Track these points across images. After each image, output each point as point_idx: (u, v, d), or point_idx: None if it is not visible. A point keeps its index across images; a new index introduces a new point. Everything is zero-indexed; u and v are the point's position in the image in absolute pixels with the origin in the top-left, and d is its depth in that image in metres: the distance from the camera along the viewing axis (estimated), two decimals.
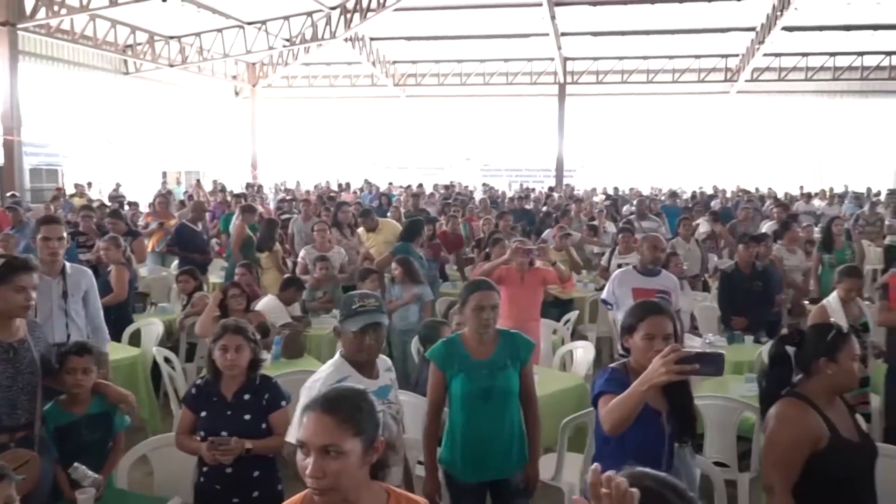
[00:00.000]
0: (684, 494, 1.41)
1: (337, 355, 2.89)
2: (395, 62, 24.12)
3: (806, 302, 7.36)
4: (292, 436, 2.51)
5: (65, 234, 4.26)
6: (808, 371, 2.78)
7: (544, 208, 13.42)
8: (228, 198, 11.45)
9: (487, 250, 6.80)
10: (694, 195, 17.87)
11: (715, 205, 14.81)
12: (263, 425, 3.05)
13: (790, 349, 3.05)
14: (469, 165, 26.15)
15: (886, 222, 11.30)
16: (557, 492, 3.94)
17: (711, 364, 2.21)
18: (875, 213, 12.18)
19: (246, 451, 2.94)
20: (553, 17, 18.04)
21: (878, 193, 18.25)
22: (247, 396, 3.09)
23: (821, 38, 19.58)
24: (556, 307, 7.11)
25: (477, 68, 23.64)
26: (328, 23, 18.38)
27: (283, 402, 3.13)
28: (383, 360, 3.00)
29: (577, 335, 7.29)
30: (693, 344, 5.59)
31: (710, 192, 18.87)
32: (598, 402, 2.55)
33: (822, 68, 21.73)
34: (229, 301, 5.07)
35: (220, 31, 19.30)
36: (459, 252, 9.14)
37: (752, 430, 3.99)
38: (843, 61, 21.45)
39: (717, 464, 4.09)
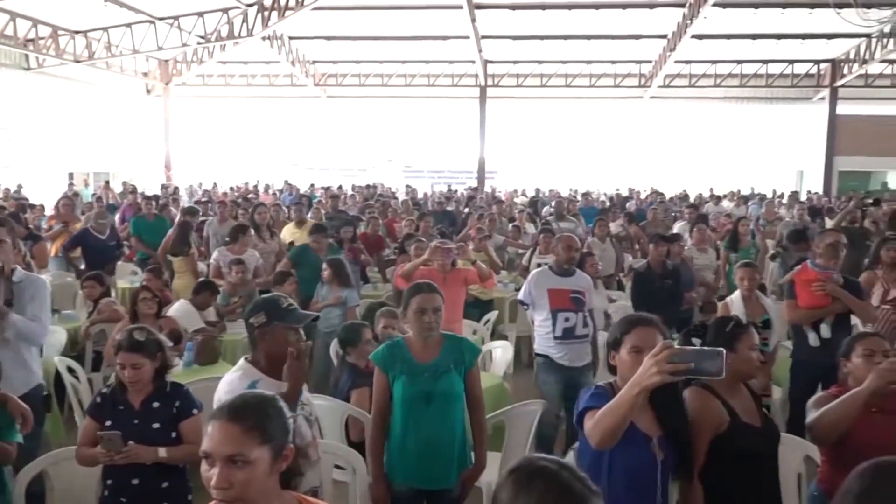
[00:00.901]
0: (578, 474, 1.46)
1: (242, 360, 2.80)
2: (315, 62, 23.81)
3: (715, 299, 7.69)
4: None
5: None
6: None
7: (466, 209, 13.54)
8: (139, 200, 11.01)
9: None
10: (610, 197, 18.41)
11: (630, 206, 15.28)
12: (174, 434, 2.95)
13: (696, 341, 3.23)
14: (391, 167, 26.07)
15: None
16: (476, 491, 3.96)
17: (710, 362, 1.95)
18: (773, 213, 12.87)
19: (158, 460, 2.84)
20: (473, 21, 18.20)
21: (782, 195, 19.25)
22: (156, 404, 2.98)
23: (729, 47, 20.50)
24: (476, 308, 7.16)
25: (398, 69, 23.62)
26: (245, 20, 17.94)
27: (195, 410, 3.03)
28: None
29: (497, 335, 7.37)
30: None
31: (625, 193, 19.46)
32: (583, 420, 2.32)
33: (729, 75, 22.76)
34: (139, 305, 4.88)
35: (129, 25, 18.53)
36: (380, 254, 9.09)
37: None
38: (749, 69, 22.53)
39: None
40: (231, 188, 20.12)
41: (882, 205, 13.55)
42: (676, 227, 9.91)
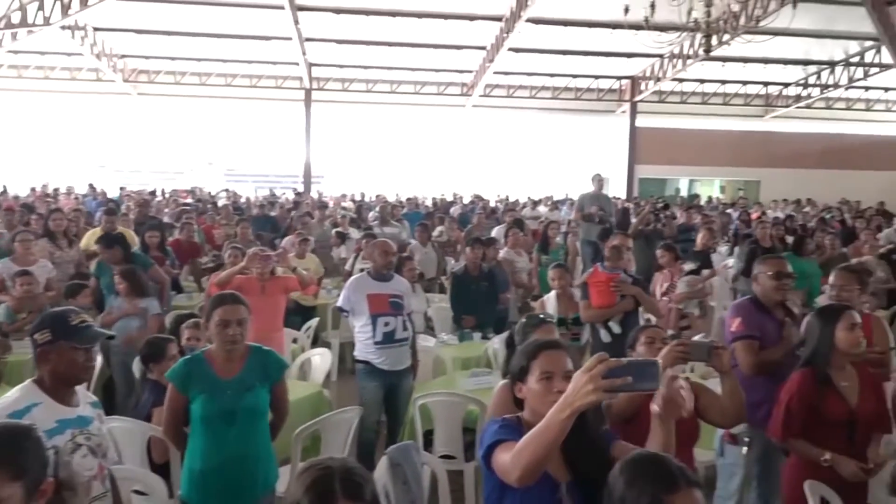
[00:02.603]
0: (366, 476, 1.56)
1: (28, 381, 2.53)
2: (123, 56, 22.13)
3: (530, 299, 8.12)
4: None
5: None
6: None
7: (292, 214, 13.25)
8: None
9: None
10: (434, 201, 18.86)
11: (454, 211, 15.75)
12: None
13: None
14: (212, 170, 24.83)
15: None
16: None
17: (646, 375, 1.75)
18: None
19: None
20: (296, 22, 17.85)
21: None
22: None
23: (542, 60, 21.74)
24: (298, 315, 7.03)
25: (218, 68, 22.59)
26: (41, 7, 16.30)
27: None
28: (85, 393, 2.68)
29: (320, 342, 7.28)
30: (427, 345, 5.86)
31: (450, 198, 20.02)
32: (491, 455, 2.04)
33: (543, 87, 24.15)
34: None
35: None
36: (195, 261, 8.64)
37: (476, 421, 4.27)
38: (560, 82, 24.02)
39: (445, 457, 4.34)
40: (32, 189, 18.24)
41: (673, 209, 15.00)
42: (494, 232, 10.33)
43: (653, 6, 9.42)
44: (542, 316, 3.35)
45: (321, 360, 5.38)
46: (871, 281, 5.73)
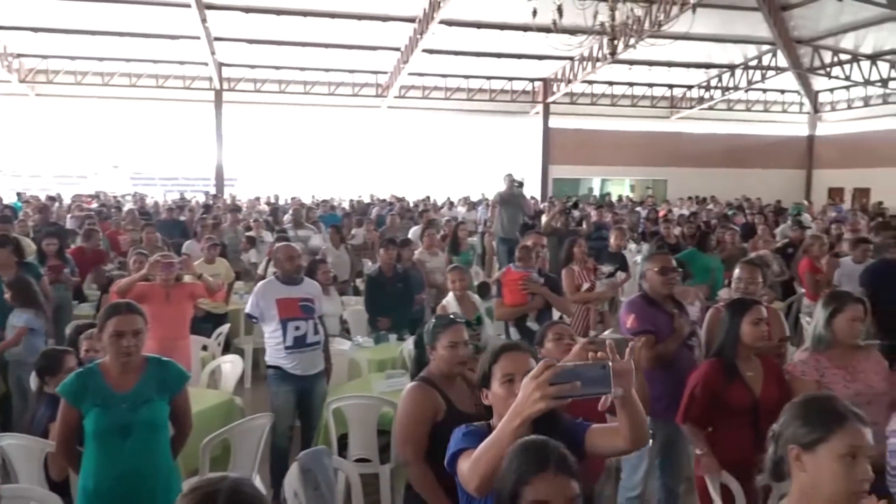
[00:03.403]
0: (256, 495, 1.52)
1: None
2: (20, 56, 20.94)
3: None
4: None
5: None
6: (431, 357, 3.20)
7: (204, 217, 12.86)
8: None
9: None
10: (352, 203, 18.71)
11: (372, 213, 15.67)
12: None
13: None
14: (118, 173, 23.79)
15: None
16: None
17: (596, 378, 1.69)
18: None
19: None
20: (204, 21, 17.36)
21: None
22: None
23: (457, 62, 21.92)
24: (208, 322, 6.84)
25: (122, 68, 21.68)
26: None
27: None
28: None
29: (233, 349, 7.11)
30: (342, 348, 5.81)
31: (367, 200, 19.92)
32: (455, 463, 2.05)
33: (458, 89, 24.36)
34: None
35: None
36: (99, 269, 8.26)
37: (391, 423, 4.26)
38: (475, 83, 24.28)
39: (361, 460, 4.31)
40: None
41: (586, 208, 15.44)
42: (410, 233, 10.34)
43: (560, 10, 9.65)
44: (451, 316, 3.37)
45: (232, 367, 5.24)
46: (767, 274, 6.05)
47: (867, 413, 3.22)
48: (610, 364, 1.72)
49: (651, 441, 3.85)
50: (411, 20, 18.49)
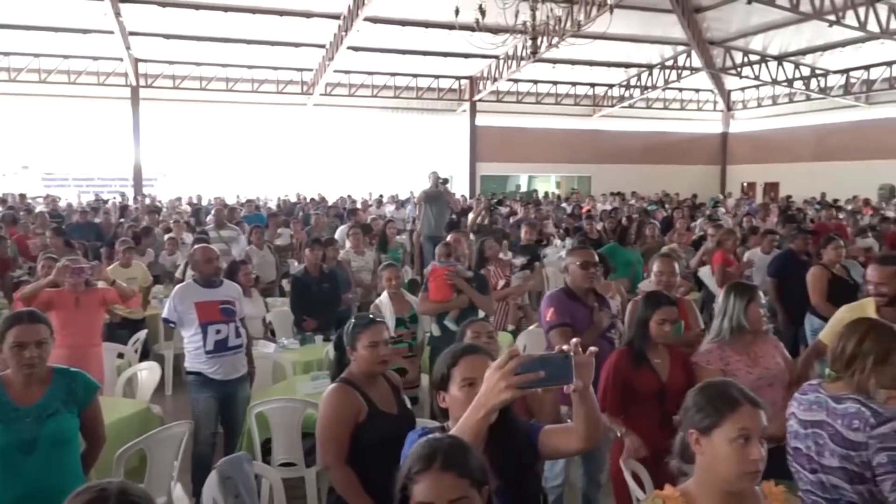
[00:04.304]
0: (145, 498, 1.52)
1: None
2: None
3: (372, 298, 8.13)
4: None
5: None
6: (352, 358, 3.20)
7: (121, 220, 12.39)
8: None
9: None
10: (278, 203, 18.39)
11: (298, 212, 15.42)
12: None
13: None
14: (28, 174, 22.61)
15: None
16: None
17: (559, 368, 1.71)
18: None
19: None
20: (118, 14, 16.73)
21: None
22: None
23: (383, 59, 21.84)
24: (125, 328, 6.60)
25: (31, 63, 20.62)
26: None
27: None
28: None
29: (152, 355, 6.89)
30: (266, 350, 5.71)
31: (294, 199, 19.60)
32: None
33: (384, 87, 24.27)
34: None
35: None
36: (6, 275, 7.84)
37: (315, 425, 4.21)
38: (402, 81, 24.27)
39: (286, 464, 4.25)
40: None
41: (511, 204, 15.64)
42: (337, 233, 10.24)
43: (481, 9, 9.75)
44: (371, 316, 3.36)
45: (149, 374, 5.07)
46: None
47: (769, 394, 3.43)
48: (572, 354, 1.74)
49: None
50: (336, 17, 18.31)
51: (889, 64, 20.86)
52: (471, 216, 9.82)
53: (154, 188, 22.62)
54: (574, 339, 1.86)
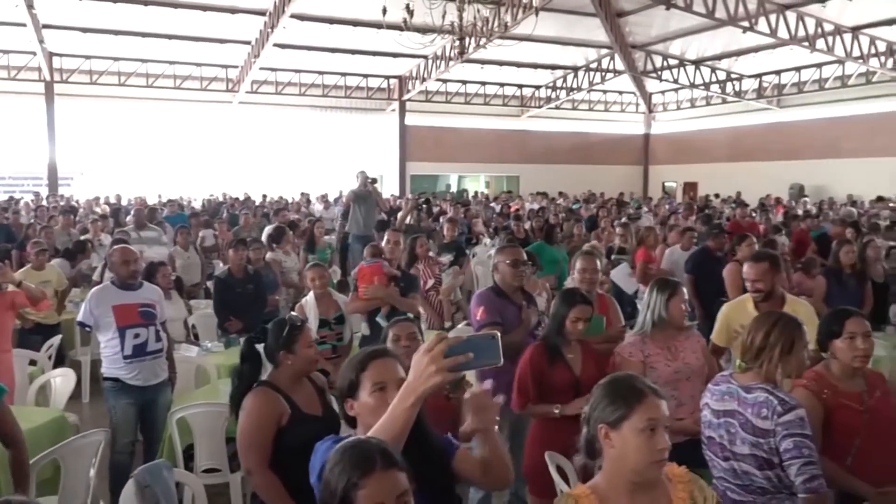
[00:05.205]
0: None
1: None
2: None
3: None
4: None
5: None
6: (275, 362, 3.16)
7: (32, 220, 11.83)
8: None
9: None
10: (203, 203, 17.91)
11: (224, 212, 15.05)
12: None
13: (259, 347, 3.33)
14: None
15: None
16: None
17: (487, 349, 1.70)
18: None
19: None
20: (30, 7, 15.96)
21: None
22: None
23: (311, 58, 21.55)
24: (38, 334, 6.30)
25: None
26: None
27: None
28: None
29: (68, 361, 6.61)
30: (189, 354, 5.55)
31: (220, 199, 19.13)
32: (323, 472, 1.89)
33: (312, 85, 23.96)
34: None
35: None
36: None
37: None
38: (330, 80, 24.01)
39: (209, 470, 4.15)
40: None
41: (440, 204, 15.70)
42: (264, 234, 10.05)
43: (408, 9, 9.74)
44: (286, 318, 3.32)
45: (63, 381, 4.85)
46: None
47: (687, 388, 3.57)
48: (498, 335, 1.72)
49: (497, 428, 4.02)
50: (261, 13, 17.95)
51: (798, 69, 21.97)
52: (400, 215, 9.81)
53: (71, 188, 21.69)
54: (486, 383, 1.90)
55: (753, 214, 14.19)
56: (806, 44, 17.99)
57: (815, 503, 2.51)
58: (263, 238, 8.84)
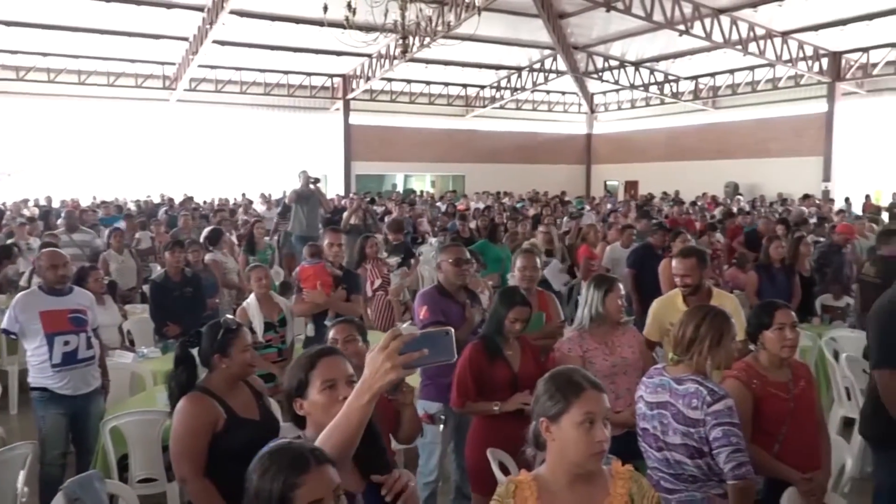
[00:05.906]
0: None
1: None
2: None
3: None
4: None
5: None
6: (210, 366, 3.10)
7: None
8: None
9: None
10: (139, 204, 17.42)
11: (161, 214, 14.67)
12: None
13: (194, 351, 3.26)
14: None
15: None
16: None
17: (441, 346, 1.68)
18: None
19: None
20: None
21: None
22: None
23: (252, 55, 21.15)
24: None
25: None
26: None
27: None
28: None
29: None
30: (124, 361, 5.39)
31: (157, 200, 18.62)
32: None
33: (254, 83, 23.56)
34: None
35: None
36: None
37: None
38: (272, 78, 23.64)
39: (145, 480, 4.03)
40: None
41: (385, 203, 15.63)
42: (204, 234, 9.83)
43: (350, 6, 9.66)
44: (220, 321, 3.25)
45: None
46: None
47: (624, 381, 3.64)
48: (452, 331, 1.71)
49: (442, 427, 4.03)
50: (199, 9, 17.53)
51: (732, 71, 22.68)
52: (345, 215, 9.73)
53: None
54: None
55: (690, 212, 14.59)
56: (739, 47, 18.61)
57: (743, 489, 2.59)
58: (201, 240, 8.65)
